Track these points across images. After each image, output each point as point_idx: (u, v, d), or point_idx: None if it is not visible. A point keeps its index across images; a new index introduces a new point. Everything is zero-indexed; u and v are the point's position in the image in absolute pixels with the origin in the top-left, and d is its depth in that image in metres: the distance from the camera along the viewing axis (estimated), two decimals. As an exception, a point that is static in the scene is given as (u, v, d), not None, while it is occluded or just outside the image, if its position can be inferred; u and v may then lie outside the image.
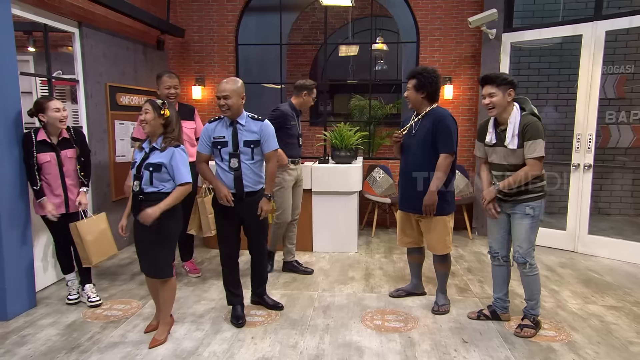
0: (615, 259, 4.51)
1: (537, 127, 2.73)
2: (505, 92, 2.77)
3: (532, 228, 2.84)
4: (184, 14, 5.91)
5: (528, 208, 2.82)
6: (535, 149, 2.72)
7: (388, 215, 5.80)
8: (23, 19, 3.61)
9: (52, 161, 3.15)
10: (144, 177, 2.69)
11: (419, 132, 3.13)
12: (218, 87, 3.00)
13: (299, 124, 4.02)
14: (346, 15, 9.18)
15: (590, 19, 4.58)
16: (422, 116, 3.14)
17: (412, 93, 3.11)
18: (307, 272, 4.06)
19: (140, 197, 2.71)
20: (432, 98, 3.12)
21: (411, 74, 3.14)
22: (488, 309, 3.19)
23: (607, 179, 6.19)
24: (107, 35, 4.56)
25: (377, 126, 8.10)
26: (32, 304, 3.33)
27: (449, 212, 3.17)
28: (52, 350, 2.75)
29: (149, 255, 2.78)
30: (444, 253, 3.23)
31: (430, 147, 3.08)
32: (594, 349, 2.79)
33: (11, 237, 3.12)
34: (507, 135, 2.79)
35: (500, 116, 2.83)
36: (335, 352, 2.74)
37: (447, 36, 5.56)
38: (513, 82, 2.78)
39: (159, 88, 3.73)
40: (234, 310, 3.14)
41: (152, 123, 2.71)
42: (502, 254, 3.05)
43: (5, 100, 3.08)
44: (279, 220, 3.97)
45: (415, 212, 3.21)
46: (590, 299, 3.54)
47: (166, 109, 2.72)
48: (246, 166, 2.98)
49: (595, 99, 4.54)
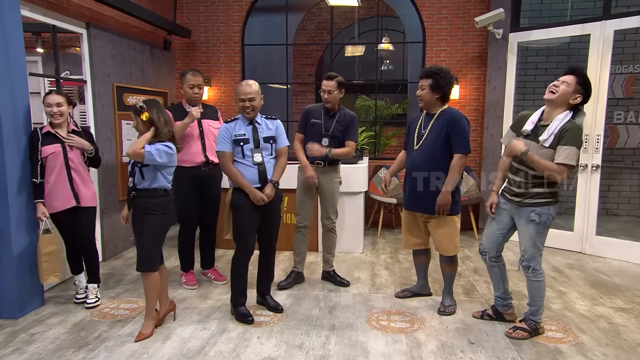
0: (624, 260, 4.47)
1: (577, 135, 2.61)
2: (576, 92, 2.67)
3: (537, 234, 2.78)
4: (190, 14, 5.94)
5: (533, 214, 2.75)
6: (569, 155, 2.60)
7: (394, 216, 5.79)
8: (32, 20, 3.65)
9: (57, 152, 3.15)
10: (136, 174, 2.82)
11: (432, 132, 3.09)
12: (240, 90, 3.07)
13: (328, 124, 3.66)
14: (352, 15, 9.18)
15: (598, 18, 4.54)
16: (435, 117, 3.10)
17: (428, 93, 3.06)
18: (343, 284, 3.78)
19: (133, 193, 2.84)
20: (445, 99, 3.10)
21: (427, 74, 3.07)
22: (491, 308, 3.18)
23: (615, 180, 6.14)
24: (115, 35, 4.59)
25: (383, 126, 8.09)
26: (40, 302, 3.36)
27: (458, 212, 3.16)
28: (60, 348, 2.77)
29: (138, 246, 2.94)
30: (453, 254, 3.21)
31: (442, 147, 3.04)
32: (602, 351, 2.76)
33: (20, 235, 3.15)
34: (546, 130, 2.69)
35: (551, 111, 2.72)
36: (342, 352, 2.73)
37: (454, 36, 5.54)
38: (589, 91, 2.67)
39: (183, 87, 3.62)
40: (240, 310, 3.14)
41: (138, 128, 2.84)
42: (490, 254, 3.01)
43: (14, 99, 3.10)
44: (296, 222, 3.78)
45: (424, 212, 3.18)
46: (598, 301, 3.52)
47: (145, 111, 2.77)
48: (267, 161, 3.09)
49: (604, 98, 4.50)
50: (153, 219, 2.83)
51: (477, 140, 5.60)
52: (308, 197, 3.72)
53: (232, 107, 5.89)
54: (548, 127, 2.68)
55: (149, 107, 2.81)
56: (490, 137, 5.33)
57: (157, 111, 2.83)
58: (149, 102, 2.86)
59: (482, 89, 5.52)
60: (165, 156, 2.78)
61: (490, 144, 5.34)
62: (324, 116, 3.66)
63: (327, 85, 3.58)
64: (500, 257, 3.04)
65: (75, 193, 3.23)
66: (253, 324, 3.07)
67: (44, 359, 2.65)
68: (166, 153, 2.79)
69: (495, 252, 3.01)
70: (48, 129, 3.17)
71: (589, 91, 2.72)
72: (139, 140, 2.77)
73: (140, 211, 2.85)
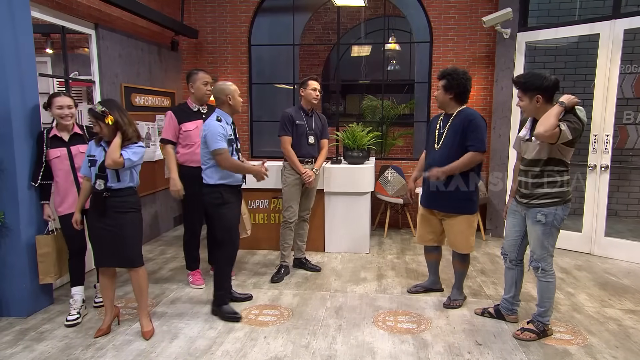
0: (633, 261, 4.43)
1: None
2: (532, 99, 2.70)
3: (545, 235, 2.78)
4: (197, 15, 5.96)
5: (539, 214, 2.76)
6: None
7: (400, 216, 5.77)
8: (42, 21, 3.68)
9: (62, 156, 3.12)
10: (108, 176, 2.78)
11: (450, 131, 3.15)
12: (232, 89, 3.14)
13: (309, 123, 3.99)
14: (359, 15, 9.17)
15: (608, 17, 4.50)
16: (453, 116, 3.17)
17: (441, 93, 3.18)
18: (315, 270, 4.13)
19: (106, 193, 2.79)
20: (461, 99, 3.17)
21: (441, 75, 3.18)
22: (494, 307, 3.18)
23: (624, 181, 6.08)
24: (123, 36, 4.62)
25: (389, 126, 8.07)
26: (49, 301, 3.39)
27: (474, 211, 3.20)
28: (69, 347, 2.79)
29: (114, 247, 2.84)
30: (466, 252, 3.26)
31: (459, 146, 3.10)
32: (611, 353, 2.74)
33: (29, 234, 3.18)
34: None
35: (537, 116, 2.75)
36: (348, 352, 2.73)
37: (461, 36, 5.51)
38: (540, 87, 2.66)
39: (195, 84, 3.60)
40: (228, 308, 3.20)
41: (103, 132, 2.78)
42: (511, 256, 3.02)
43: (25, 100, 3.14)
44: (284, 219, 4.01)
45: (441, 210, 3.24)
46: (607, 302, 3.48)
47: (108, 115, 2.71)
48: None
49: (613, 98, 4.46)
50: (133, 216, 2.86)
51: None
52: (296, 193, 3.99)
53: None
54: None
55: (110, 109, 2.72)
56: (498, 138, 5.30)
57: (119, 112, 2.76)
58: (108, 104, 2.77)
59: (489, 89, 5.49)
60: (141, 156, 2.86)
61: (498, 144, 5.31)
62: (304, 117, 3.98)
63: (318, 85, 3.98)
64: (521, 261, 3.04)
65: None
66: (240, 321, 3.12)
67: (53, 357, 2.68)
68: (141, 153, 2.85)
69: (516, 255, 3.02)
70: (55, 133, 3.14)
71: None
72: (113, 149, 2.70)
73: (116, 211, 2.80)
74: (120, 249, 2.83)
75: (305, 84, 3.98)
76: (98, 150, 2.81)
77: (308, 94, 3.94)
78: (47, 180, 3.17)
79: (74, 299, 3.18)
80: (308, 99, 3.96)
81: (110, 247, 2.83)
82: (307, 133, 3.97)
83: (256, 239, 4.73)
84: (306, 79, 4.02)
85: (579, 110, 2.67)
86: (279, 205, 4.68)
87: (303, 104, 4.00)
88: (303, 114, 3.98)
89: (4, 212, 3.10)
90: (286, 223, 4.00)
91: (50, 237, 3.16)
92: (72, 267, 3.25)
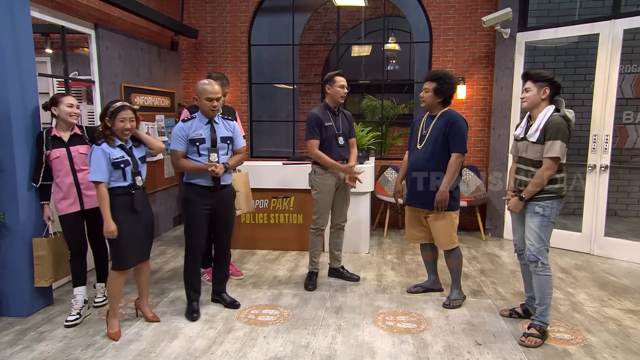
0: (633, 261, 4.43)
1: (558, 128, 2.72)
2: (540, 89, 2.81)
3: (542, 227, 2.83)
4: (197, 15, 5.97)
5: (537, 207, 2.83)
6: (552, 148, 2.73)
7: (400, 216, 5.77)
8: (41, 21, 3.68)
9: (62, 156, 3.11)
10: (141, 171, 3.00)
11: (432, 131, 3.24)
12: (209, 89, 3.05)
13: (337, 123, 3.66)
14: (358, 15, 9.18)
15: (608, 17, 4.50)
16: (436, 117, 3.26)
17: (431, 96, 3.22)
18: (353, 279, 3.89)
19: (133, 191, 2.92)
20: (447, 102, 3.27)
21: (432, 77, 3.21)
22: (521, 307, 3.21)
23: (624, 180, 6.08)
24: (122, 36, 4.62)
25: (389, 126, 8.09)
26: (49, 301, 3.39)
27: (456, 208, 3.30)
28: (68, 347, 2.79)
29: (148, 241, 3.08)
30: (450, 248, 3.32)
31: (441, 146, 3.20)
32: (611, 353, 2.74)
33: (29, 235, 3.17)
34: (531, 128, 2.84)
35: (534, 112, 2.87)
36: (348, 352, 2.73)
37: (461, 36, 5.51)
38: (551, 80, 2.80)
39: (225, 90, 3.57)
40: (193, 305, 3.23)
41: (136, 127, 2.93)
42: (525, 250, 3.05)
43: (24, 99, 3.14)
44: (315, 226, 3.75)
45: (423, 207, 3.31)
46: (607, 302, 3.49)
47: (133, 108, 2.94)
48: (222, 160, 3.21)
49: (612, 98, 4.46)
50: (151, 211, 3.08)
51: (483, 140, 5.58)
52: (330, 201, 3.73)
53: (237, 108, 5.89)
54: (533, 125, 2.84)
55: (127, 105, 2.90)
56: (498, 137, 5.30)
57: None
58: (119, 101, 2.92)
59: (489, 89, 5.49)
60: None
61: (497, 144, 5.31)
62: (331, 117, 3.65)
63: (345, 81, 3.67)
64: None
65: (81, 198, 3.17)
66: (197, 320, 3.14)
67: (53, 357, 2.68)
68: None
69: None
70: (55, 133, 3.13)
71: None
72: (151, 139, 3.04)
73: (147, 205, 3.01)
74: (150, 241, 3.05)
75: (332, 80, 3.59)
76: (117, 151, 2.82)
77: (335, 92, 3.59)
78: (47, 180, 3.16)
79: (75, 299, 3.18)
80: (335, 97, 3.61)
81: (144, 242, 3.00)
82: (336, 134, 3.62)
83: (256, 238, 4.73)
84: (333, 74, 3.63)
85: (568, 112, 2.79)
86: (279, 205, 4.68)
87: (329, 102, 3.65)
88: (330, 114, 3.63)
89: (3, 212, 3.10)
90: (317, 230, 3.75)
91: (47, 240, 3.15)
92: (74, 268, 3.24)
